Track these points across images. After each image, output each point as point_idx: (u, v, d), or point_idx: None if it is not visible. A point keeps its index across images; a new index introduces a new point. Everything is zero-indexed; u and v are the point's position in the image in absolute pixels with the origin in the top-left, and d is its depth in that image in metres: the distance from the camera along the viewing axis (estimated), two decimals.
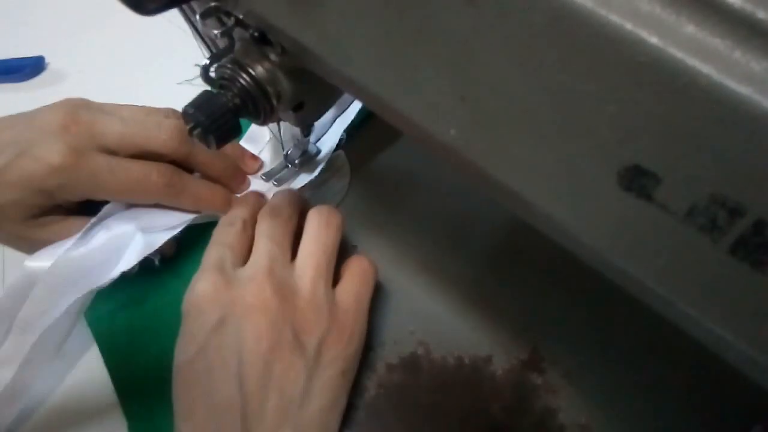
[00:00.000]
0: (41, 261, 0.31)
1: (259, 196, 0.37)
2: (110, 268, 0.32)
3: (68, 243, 0.32)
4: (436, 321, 0.35)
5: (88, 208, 0.33)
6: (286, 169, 0.40)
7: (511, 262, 0.37)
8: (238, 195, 0.38)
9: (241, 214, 0.33)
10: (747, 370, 0.17)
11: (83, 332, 0.35)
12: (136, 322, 0.35)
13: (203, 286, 0.29)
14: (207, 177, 0.37)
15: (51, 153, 0.30)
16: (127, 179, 0.32)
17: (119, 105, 0.35)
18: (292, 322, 0.28)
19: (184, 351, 0.28)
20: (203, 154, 0.36)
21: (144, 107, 0.36)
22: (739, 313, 0.15)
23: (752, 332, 0.15)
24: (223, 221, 0.33)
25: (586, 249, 0.18)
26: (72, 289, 0.31)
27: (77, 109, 0.32)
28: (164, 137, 0.33)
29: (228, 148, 0.39)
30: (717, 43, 0.13)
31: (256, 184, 0.40)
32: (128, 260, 0.33)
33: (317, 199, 0.40)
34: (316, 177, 0.40)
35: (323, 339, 0.29)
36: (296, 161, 0.39)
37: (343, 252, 0.37)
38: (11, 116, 0.32)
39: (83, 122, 0.32)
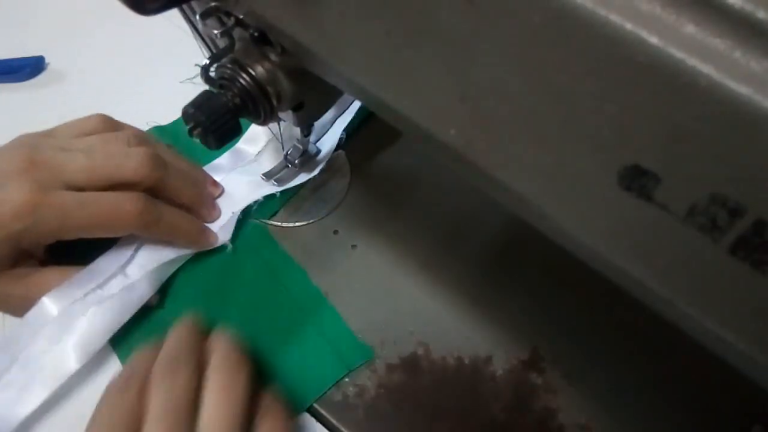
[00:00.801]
0: (57, 301, 0.31)
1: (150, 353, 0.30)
2: (121, 319, 0.33)
3: (88, 286, 0.32)
4: (436, 321, 0.35)
5: (60, 256, 0.33)
6: (286, 169, 0.40)
7: (511, 262, 0.37)
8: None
9: (138, 377, 0.27)
10: (747, 370, 0.17)
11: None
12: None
13: None
14: (178, 205, 0.35)
15: (15, 193, 0.28)
16: (98, 212, 0.30)
17: (72, 134, 0.34)
18: None
19: None
20: (174, 179, 0.34)
21: (102, 135, 0.34)
22: (739, 313, 0.15)
23: (752, 332, 0.15)
24: (115, 387, 0.27)
25: (586, 249, 0.18)
26: (82, 336, 0.31)
27: (33, 149, 0.30)
28: (134, 165, 0.32)
29: (193, 170, 0.38)
30: (717, 43, 0.13)
31: (255, 181, 0.40)
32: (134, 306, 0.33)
33: (317, 199, 0.40)
34: (316, 177, 0.40)
35: None
36: (296, 161, 0.39)
37: (343, 252, 0.38)
38: None
39: (44, 161, 0.30)
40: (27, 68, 0.48)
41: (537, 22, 0.15)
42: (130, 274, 0.34)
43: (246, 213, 0.39)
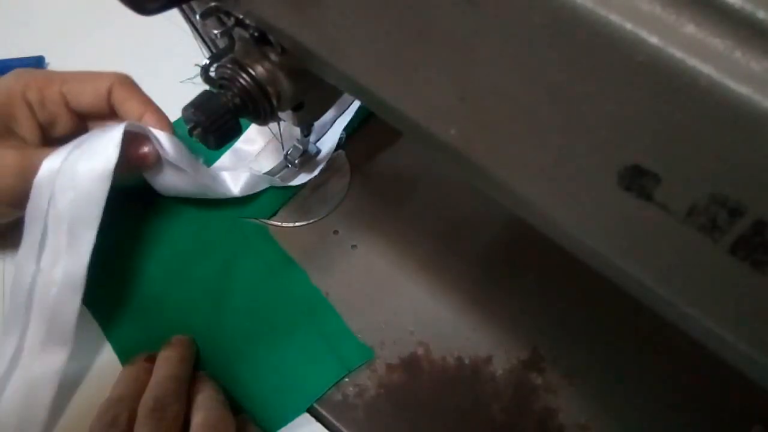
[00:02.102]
0: (56, 158, 0.31)
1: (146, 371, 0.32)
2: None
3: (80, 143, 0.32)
4: (436, 321, 0.35)
5: None
6: (286, 169, 0.40)
7: (511, 262, 0.37)
8: None
9: (125, 407, 0.28)
10: (747, 370, 0.17)
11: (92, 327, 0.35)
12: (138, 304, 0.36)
13: None
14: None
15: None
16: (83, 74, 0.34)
17: None
18: None
19: None
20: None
21: None
22: (739, 313, 0.15)
23: (752, 332, 0.15)
24: (102, 417, 0.28)
25: (586, 249, 0.18)
26: (90, 173, 0.31)
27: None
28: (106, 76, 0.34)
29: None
30: (717, 43, 0.13)
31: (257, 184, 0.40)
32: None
33: (317, 199, 0.40)
34: (316, 177, 0.40)
35: None
36: (296, 161, 0.39)
37: (343, 252, 0.38)
38: None
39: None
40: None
41: (537, 22, 0.15)
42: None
43: (244, 212, 0.39)
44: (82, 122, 0.36)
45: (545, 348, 0.33)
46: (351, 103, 0.42)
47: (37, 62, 0.49)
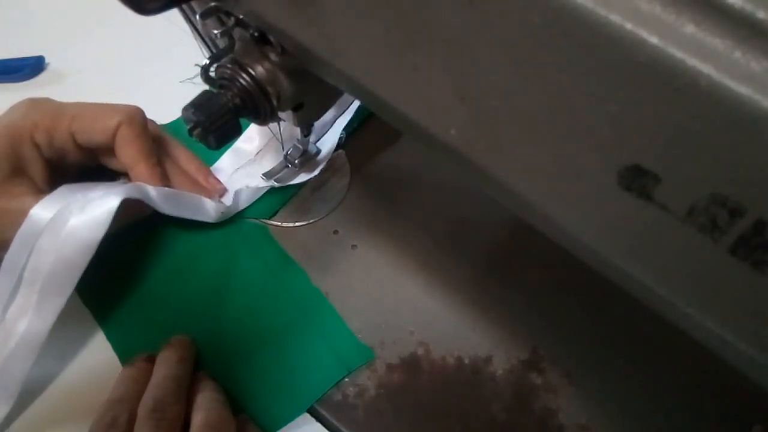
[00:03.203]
0: (45, 210, 0.31)
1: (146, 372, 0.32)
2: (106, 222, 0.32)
3: (74, 194, 0.32)
4: (436, 321, 0.35)
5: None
6: (286, 169, 0.40)
7: (511, 262, 0.37)
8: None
9: (125, 408, 0.28)
10: (747, 370, 0.17)
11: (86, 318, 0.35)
12: (136, 301, 0.36)
13: None
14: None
15: (17, 108, 0.32)
16: (93, 106, 0.33)
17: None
18: None
19: None
20: (165, 165, 0.36)
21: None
22: (739, 313, 0.15)
23: (752, 332, 0.15)
24: (102, 418, 0.28)
25: (586, 249, 0.18)
26: (76, 239, 0.31)
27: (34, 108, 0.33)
28: (122, 115, 0.34)
29: (194, 164, 0.39)
30: (717, 43, 0.13)
31: (256, 183, 0.40)
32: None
33: (317, 199, 0.40)
34: (316, 177, 0.40)
35: None
36: (296, 161, 0.39)
37: (343, 252, 0.38)
38: None
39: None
40: (27, 68, 0.48)
41: (537, 22, 0.15)
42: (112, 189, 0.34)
43: (244, 212, 0.39)
44: (91, 155, 0.36)
45: (545, 348, 0.33)
46: (351, 103, 0.42)
47: (37, 62, 0.49)
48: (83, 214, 0.31)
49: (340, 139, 0.41)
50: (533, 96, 0.16)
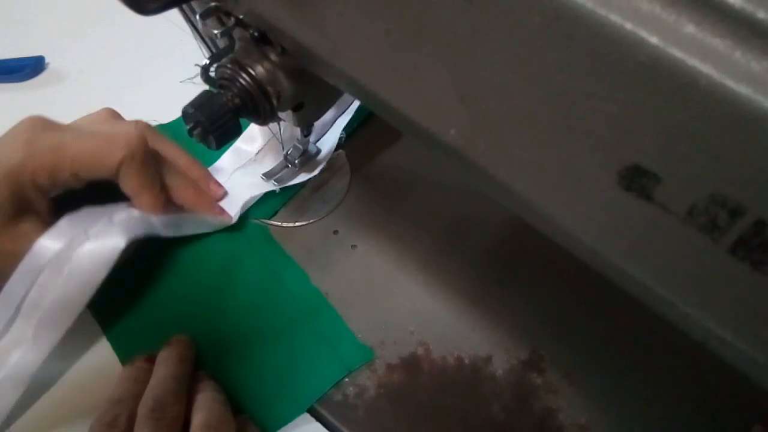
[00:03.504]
0: (49, 243, 0.31)
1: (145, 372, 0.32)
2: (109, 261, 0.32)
3: (78, 225, 0.32)
4: (436, 321, 0.35)
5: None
6: (286, 169, 0.40)
7: (510, 262, 0.37)
8: None
9: (125, 407, 0.29)
10: (747, 370, 0.17)
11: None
12: (139, 305, 0.36)
13: None
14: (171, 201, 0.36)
15: (12, 140, 0.30)
16: (94, 142, 0.31)
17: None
18: None
19: None
20: (167, 177, 0.35)
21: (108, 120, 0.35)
22: (739, 313, 0.15)
23: (752, 332, 0.15)
24: (102, 417, 0.28)
25: (586, 249, 0.18)
26: (79, 278, 0.31)
27: (35, 125, 0.32)
28: (123, 143, 0.32)
29: (193, 168, 0.38)
30: (717, 43, 0.13)
31: (256, 184, 0.40)
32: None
33: (317, 199, 0.40)
34: (316, 177, 0.40)
35: None
36: (296, 161, 0.39)
37: (343, 252, 0.38)
38: None
39: (46, 127, 0.32)
40: (27, 68, 0.48)
41: (537, 22, 0.15)
42: (116, 221, 0.33)
43: (245, 213, 0.39)
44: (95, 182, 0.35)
45: (545, 348, 0.33)
46: (351, 103, 0.42)
47: (37, 62, 0.49)
48: (88, 253, 0.32)
49: (340, 139, 0.41)
50: (533, 96, 0.16)
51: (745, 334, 0.16)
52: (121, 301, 0.35)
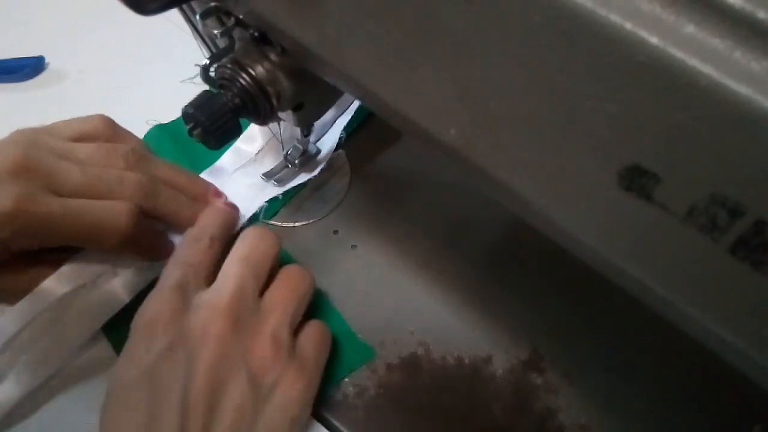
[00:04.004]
0: (57, 285, 0.31)
1: (232, 209, 0.36)
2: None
3: (83, 276, 0.31)
4: (436, 321, 0.35)
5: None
6: (286, 169, 0.40)
7: (511, 262, 0.37)
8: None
9: (210, 229, 0.32)
10: (747, 370, 0.17)
11: None
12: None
13: (157, 306, 0.27)
14: (175, 226, 0.35)
15: (1, 201, 0.27)
16: (83, 225, 0.29)
17: (70, 133, 0.33)
18: (249, 359, 0.27)
19: (124, 372, 0.26)
20: (168, 205, 0.34)
21: (101, 146, 0.33)
22: (739, 313, 0.15)
23: (752, 332, 0.15)
24: (189, 236, 0.32)
25: (586, 249, 0.18)
26: (79, 324, 0.31)
27: (30, 150, 0.29)
28: (126, 196, 0.31)
29: (191, 185, 0.37)
30: (717, 43, 0.13)
31: (257, 184, 0.40)
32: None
33: (317, 199, 0.40)
34: (316, 177, 0.40)
35: (278, 381, 0.27)
36: (296, 161, 0.39)
37: (343, 252, 0.38)
38: None
39: (37, 166, 0.29)
40: (27, 68, 0.48)
41: (537, 22, 0.15)
42: (120, 275, 0.33)
43: (252, 219, 0.39)
44: None
45: (545, 348, 0.33)
46: (351, 103, 0.42)
47: (37, 62, 0.49)
48: (90, 303, 0.32)
49: (340, 139, 0.41)
50: (533, 96, 0.16)
51: (745, 334, 0.16)
52: None
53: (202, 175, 0.40)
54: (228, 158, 0.42)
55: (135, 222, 0.31)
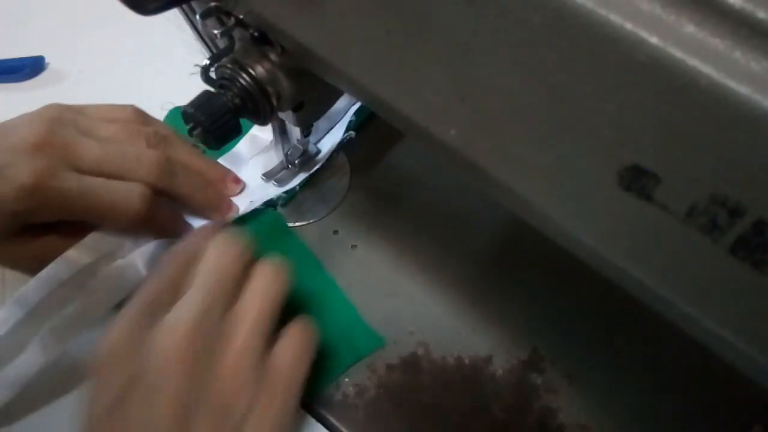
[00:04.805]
0: (80, 255, 0.31)
1: (211, 230, 0.33)
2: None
3: (105, 247, 0.32)
4: (436, 321, 0.35)
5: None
6: (285, 170, 0.40)
7: (510, 262, 0.37)
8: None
9: (187, 249, 0.30)
10: (747, 370, 0.17)
11: None
12: None
13: (120, 331, 0.25)
14: (191, 209, 0.36)
15: (21, 174, 0.28)
16: (98, 203, 0.30)
17: (100, 117, 0.34)
18: (217, 386, 0.25)
19: (96, 402, 0.25)
20: (184, 186, 0.34)
21: (126, 125, 0.34)
22: (739, 313, 0.15)
23: (752, 332, 0.15)
24: (173, 253, 0.30)
25: (586, 249, 0.18)
26: (100, 297, 0.32)
27: (55, 126, 0.30)
28: (142, 173, 0.32)
29: (211, 169, 0.38)
30: (717, 43, 0.13)
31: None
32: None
33: (317, 199, 0.40)
34: (316, 177, 0.40)
35: (252, 404, 0.25)
36: (296, 161, 0.39)
37: (343, 252, 0.38)
38: None
39: (59, 144, 0.30)
40: (27, 68, 0.48)
41: (537, 22, 0.15)
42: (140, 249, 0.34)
43: (270, 205, 0.39)
44: None
45: (545, 348, 0.33)
46: (352, 105, 0.42)
47: (37, 62, 0.49)
48: (111, 275, 0.32)
49: (345, 138, 0.41)
50: (533, 96, 0.16)
51: (745, 334, 0.16)
52: None
53: (220, 161, 0.41)
54: (244, 145, 0.42)
55: (147, 204, 0.31)
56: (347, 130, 0.41)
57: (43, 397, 0.32)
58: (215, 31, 0.27)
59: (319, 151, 0.41)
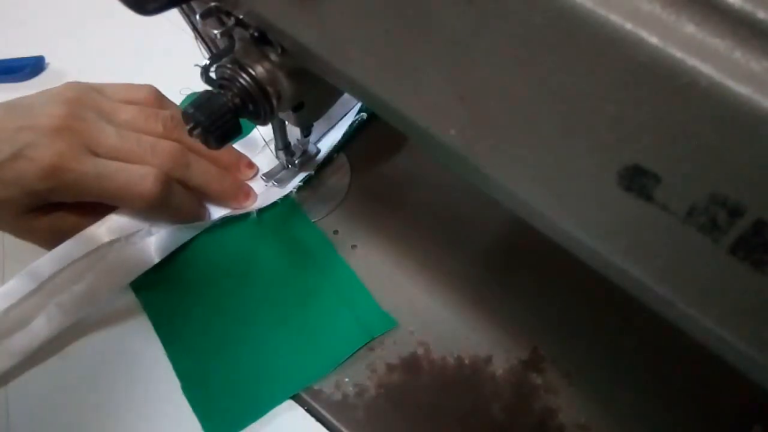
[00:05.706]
0: (98, 233, 0.32)
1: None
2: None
3: (121, 229, 0.33)
4: (436, 321, 0.35)
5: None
6: (285, 170, 0.40)
7: (511, 261, 0.37)
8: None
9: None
10: (747, 370, 0.17)
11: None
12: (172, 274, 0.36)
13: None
14: (207, 198, 0.37)
15: (42, 155, 0.30)
16: (113, 187, 0.32)
17: (119, 98, 0.35)
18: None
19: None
20: (199, 177, 0.35)
21: (144, 110, 0.35)
22: (739, 313, 0.15)
23: (752, 332, 0.15)
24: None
25: (586, 249, 0.18)
26: (111, 276, 0.32)
27: (75, 108, 0.32)
28: (156, 162, 0.33)
29: (224, 155, 0.38)
30: (717, 43, 0.13)
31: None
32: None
33: (317, 199, 0.40)
34: (316, 177, 0.40)
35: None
36: (296, 161, 0.39)
37: (343, 252, 0.38)
38: (10, 104, 0.32)
39: (79, 128, 0.31)
40: (27, 68, 0.48)
41: (537, 22, 0.15)
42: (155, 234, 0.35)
43: (284, 198, 0.40)
44: None
45: (545, 348, 0.33)
46: (353, 106, 0.42)
47: (37, 62, 0.49)
48: (124, 257, 0.33)
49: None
50: (533, 96, 0.16)
51: (745, 334, 0.16)
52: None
53: (236, 146, 0.41)
54: (260, 131, 0.42)
55: (161, 188, 0.33)
56: (359, 112, 0.41)
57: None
58: (215, 31, 0.27)
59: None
